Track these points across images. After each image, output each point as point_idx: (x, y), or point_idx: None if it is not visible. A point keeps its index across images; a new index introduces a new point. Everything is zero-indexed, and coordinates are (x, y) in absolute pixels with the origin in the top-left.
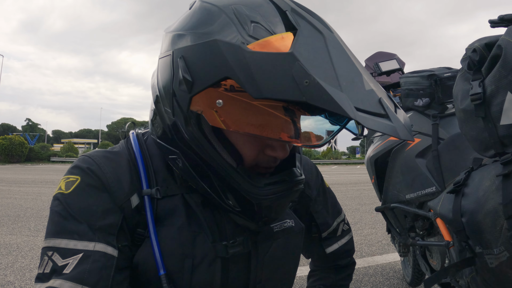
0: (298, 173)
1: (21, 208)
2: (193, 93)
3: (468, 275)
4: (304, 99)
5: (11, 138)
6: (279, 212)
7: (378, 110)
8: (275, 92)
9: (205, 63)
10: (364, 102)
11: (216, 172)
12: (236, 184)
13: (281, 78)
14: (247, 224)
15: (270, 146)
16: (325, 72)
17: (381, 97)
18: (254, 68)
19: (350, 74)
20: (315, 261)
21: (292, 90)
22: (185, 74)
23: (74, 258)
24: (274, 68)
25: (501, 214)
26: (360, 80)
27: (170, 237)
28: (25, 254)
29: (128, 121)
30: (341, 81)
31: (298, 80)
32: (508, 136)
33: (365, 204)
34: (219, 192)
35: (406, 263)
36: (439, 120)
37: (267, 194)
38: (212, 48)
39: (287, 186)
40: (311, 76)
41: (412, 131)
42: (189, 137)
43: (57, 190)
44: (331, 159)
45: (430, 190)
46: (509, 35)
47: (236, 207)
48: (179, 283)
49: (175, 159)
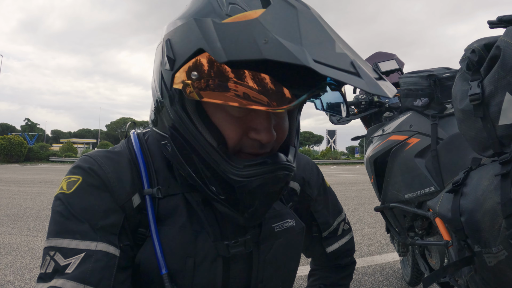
0: (285, 159)
1: (20, 208)
2: (174, 69)
3: (467, 274)
4: (262, 56)
5: (10, 138)
6: (264, 202)
7: (346, 68)
8: (237, 54)
9: (183, 40)
10: (330, 59)
11: (198, 153)
12: (215, 164)
13: (244, 41)
14: (233, 216)
15: (254, 129)
16: (289, 34)
17: (354, 60)
18: (220, 35)
19: (318, 38)
20: (315, 261)
21: (252, 49)
22: (169, 53)
23: (76, 258)
24: (239, 33)
25: (499, 213)
26: (331, 44)
27: (171, 236)
28: (24, 254)
29: (128, 121)
30: (304, 40)
31: (258, 40)
32: (507, 136)
33: (364, 204)
34: (203, 177)
35: (405, 263)
36: (438, 120)
37: (246, 175)
38: (189, 25)
39: (268, 169)
40: (270, 33)
41: (410, 130)
42: (173, 117)
43: (58, 190)
44: (330, 159)
45: (429, 189)
46: (508, 36)
47: (220, 194)
48: (181, 282)
49: (165, 145)
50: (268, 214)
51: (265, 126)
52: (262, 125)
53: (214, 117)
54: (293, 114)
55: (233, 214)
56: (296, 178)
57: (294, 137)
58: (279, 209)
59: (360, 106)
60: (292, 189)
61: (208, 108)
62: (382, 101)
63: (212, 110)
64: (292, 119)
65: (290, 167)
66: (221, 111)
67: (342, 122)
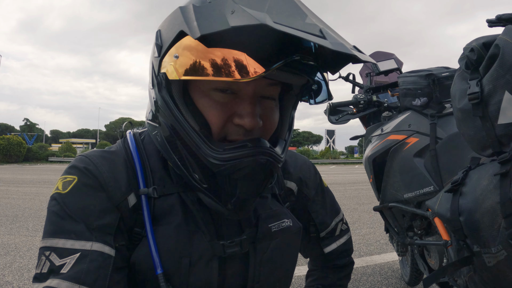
0: (267, 145)
1: (19, 208)
2: (161, 55)
3: (466, 274)
4: (229, 26)
5: (9, 138)
6: (247, 191)
7: (311, 31)
8: (209, 28)
9: (169, 27)
10: (293, 24)
11: (181, 139)
12: (196, 148)
13: (215, 16)
14: (217, 207)
15: (238, 114)
16: (257, 5)
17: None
18: (197, 15)
19: (288, 10)
20: (313, 261)
21: (221, 22)
22: (157, 41)
23: (72, 258)
24: (212, 11)
25: (499, 213)
26: (302, 17)
27: (167, 236)
28: (23, 254)
29: (126, 121)
30: (269, 9)
31: (226, 12)
32: (506, 135)
33: (363, 203)
34: (187, 165)
35: (404, 263)
36: (437, 120)
37: (225, 159)
38: (174, 13)
39: (247, 152)
40: (238, 6)
41: (409, 130)
42: (160, 103)
43: (54, 190)
44: (329, 158)
45: (428, 189)
46: (507, 34)
47: (202, 183)
48: (176, 282)
49: (156, 135)
50: (265, 214)
51: (248, 112)
52: (246, 110)
53: (199, 103)
54: (286, 108)
55: (217, 205)
56: (293, 178)
57: (286, 132)
58: (276, 209)
59: (359, 105)
60: (289, 189)
61: (194, 95)
62: (380, 100)
63: (198, 96)
64: (286, 114)
65: (273, 154)
66: (206, 97)
67: (341, 121)
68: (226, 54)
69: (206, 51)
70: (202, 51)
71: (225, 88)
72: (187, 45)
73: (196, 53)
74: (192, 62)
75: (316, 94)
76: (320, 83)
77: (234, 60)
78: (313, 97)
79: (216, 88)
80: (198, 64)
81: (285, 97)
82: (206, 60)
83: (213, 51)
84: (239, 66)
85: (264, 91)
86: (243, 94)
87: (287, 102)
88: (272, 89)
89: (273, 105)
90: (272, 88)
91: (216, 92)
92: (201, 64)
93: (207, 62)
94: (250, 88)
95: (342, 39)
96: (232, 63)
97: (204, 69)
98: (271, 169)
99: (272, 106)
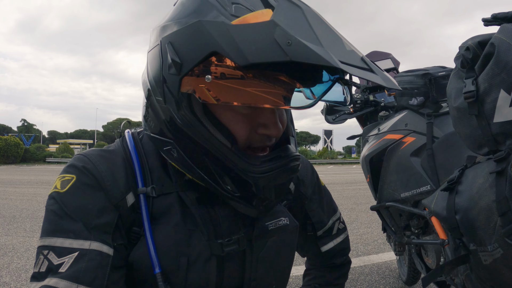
0: (294, 150)
1: (17, 209)
2: (182, 73)
3: (463, 273)
4: (288, 58)
5: (7, 139)
6: (279, 193)
7: (362, 65)
8: (260, 56)
9: (191, 43)
10: (346, 58)
11: (212, 155)
12: (232, 164)
13: (264, 43)
14: (248, 211)
15: (262, 124)
16: (306, 34)
17: (363, 56)
18: (237, 38)
19: (330, 37)
20: (310, 260)
21: (276, 51)
22: (173, 57)
23: (70, 257)
24: (257, 35)
25: (494, 211)
26: (341, 43)
27: (165, 235)
28: (20, 255)
29: (124, 121)
30: (322, 41)
31: (281, 42)
32: (501, 133)
33: (361, 203)
34: (216, 178)
35: (401, 262)
36: (434, 119)
37: (264, 171)
38: (197, 27)
39: (283, 162)
40: (293, 36)
41: (406, 129)
42: (182, 121)
43: (52, 189)
44: (327, 158)
45: (425, 188)
46: (502, 33)
47: (235, 192)
48: (175, 281)
49: (169, 150)
50: None
51: (273, 121)
52: (270, 120)
53: (223, 117)
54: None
55: (250, 209)
56: None
57: (291, 127)
58: None
59: (356, 105)
60: None
61: (216, 110)
62: (377, 100)
63: (220, 111)
64: (287, 110)
65: (299, 157)
66: (229, 111)
67: (338, 121)
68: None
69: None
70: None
71: None
72: (223, 67)
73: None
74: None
75: None
76: None
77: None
78: None
79: None
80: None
81: None
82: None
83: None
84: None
85: None
86: None
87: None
88: None
89: None
90: None
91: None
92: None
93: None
94: None
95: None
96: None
97: (247, 95)
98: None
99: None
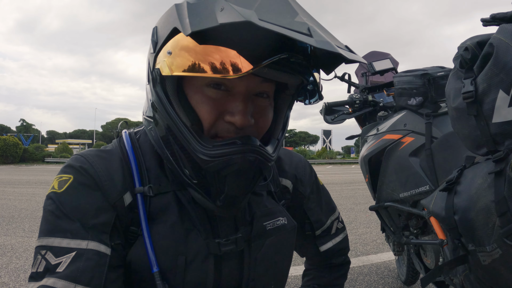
0: (257, 143)
1: (16, 209)
2: (156, 51)
3: (461, 273)
4: (217, 23)
5: (5, 139)
6: (236, 189)
7: (298, 29)
8: (199, 25)
9: (164, 24)
10: (281, 21)
11: (173, 134)
12: (186, 143)
13: (205, 13)
14: (206, 203)
15: (229, 112)
16: (247, 3)
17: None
18: (189, 12)
19: (278, 8)
20: (309, 260)
21: (210, 19)
22: (153, 38)
23: (67, 257)
24: (204, 9)
25: (493, 212)
26: (292, 15)
27: (163, 234)
28: (19, 255)
29: (122, 121)
30: (258, 6)
31: (216, 10)
32: (500, 133)
33: (359, 203)
34: (178, 160)
35: (400, 262)
36: (433, 119)
37: (214, 155)
38: (170, 10)
39: (236, 149)
40: (227, 3)
41: (404, 129)
42: (154, 98)
43: (50, 189)
44: (326, 158)
45: (423, 188)
46: (501, 33)
47: (192, 178)
48: (172, 280)
49: (150, 130)
50: (260, 212)
51: (240, 109)
52: (237, 107)
53: (192, 99)
54: (281, 108)
55: (206, 201)
56: (288, 176)
57: (279, 131)
58: (271, 207)
59: (355, 105)
60: (284, 186)
61: (188, 91)
62: (376, 100)
63: (192, 92)
64: (280, 113)
65: (262, 152)
66: (199, 93)
67: (337, 121)
68: (215, 51)
69: (197, 47)
70: (193, 48)
71: (218, 84)
72: (179, 41)
73: (187, 49)
74: (183, 58)
75: (311, 94)
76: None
77: (223, 57)
78: (308, 97)
79: (209, 84)
80: (188, 61)
81: (281, 96)
82: (196, 57)
83: (203, 48)
84: (228, 63)
85: (257, 89)
86: (236, 92)
87: (283, 101)
88: (265, 86)
89: (267, 104)
90: (265, 85)
91: (210, 88)
92: (191, 61)
93: (197, 59)
94: (242, 86)
95: (333, 38)
96: (221, 60)
97: (194, 65)
98: (260, 167)
99: (266, 105)
